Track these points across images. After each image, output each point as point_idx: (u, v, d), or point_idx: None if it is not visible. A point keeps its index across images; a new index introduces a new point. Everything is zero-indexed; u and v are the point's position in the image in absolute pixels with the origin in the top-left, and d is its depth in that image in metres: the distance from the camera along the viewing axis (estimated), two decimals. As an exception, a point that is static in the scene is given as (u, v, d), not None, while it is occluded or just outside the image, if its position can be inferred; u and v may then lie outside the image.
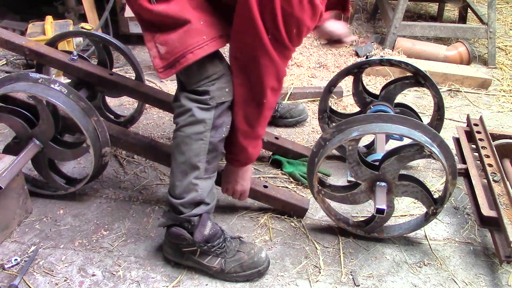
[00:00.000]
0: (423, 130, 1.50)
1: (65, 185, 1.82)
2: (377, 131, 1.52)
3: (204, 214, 1.50)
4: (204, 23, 1.35)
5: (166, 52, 1.35)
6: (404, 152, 1.51)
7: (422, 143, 1.45)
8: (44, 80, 1.61)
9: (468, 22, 3.76)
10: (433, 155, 1.47)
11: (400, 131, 1.49)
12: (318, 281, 1.55)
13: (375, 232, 1.70)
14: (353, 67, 1.98)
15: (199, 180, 1.48)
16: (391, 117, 1.53)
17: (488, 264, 1.64)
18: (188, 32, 1.33)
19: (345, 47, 1.82)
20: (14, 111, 1.70)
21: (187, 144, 1.45)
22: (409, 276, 1.58)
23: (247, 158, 1.58)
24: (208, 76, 1.40)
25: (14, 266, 1.55)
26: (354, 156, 1.54)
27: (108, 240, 1.68)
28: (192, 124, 1.43)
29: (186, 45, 1.33)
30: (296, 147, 2.11)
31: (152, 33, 1.36)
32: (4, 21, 3.35)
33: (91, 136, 1.65)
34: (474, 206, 1.69)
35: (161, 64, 1.37)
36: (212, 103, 1.41)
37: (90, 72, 1.91)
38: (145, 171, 2.04)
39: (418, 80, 1.91)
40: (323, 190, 1.66)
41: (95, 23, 3.04)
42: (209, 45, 1.35)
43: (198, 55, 1.34)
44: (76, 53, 1.90)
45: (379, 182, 1.57)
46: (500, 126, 2.51)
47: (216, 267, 1.51)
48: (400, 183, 1.57)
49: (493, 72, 3.13)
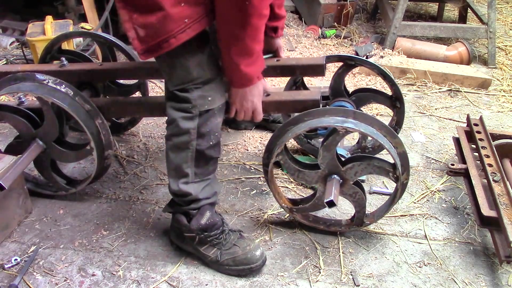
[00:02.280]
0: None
1: (66, 185, 1.82)
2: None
3: (205, 205, 1.54)
4: (185, 4, 1.29)
5: (146, 35, 1.31)
6: (375, 163, 1.54)
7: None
8: (50, 81, 1.62)
9: (468, 22, 3.76)
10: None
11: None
12: (318, 281, 1.55)
13: (298, 215, 1.70)
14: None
15: (190, 185, 1.51)
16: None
17: (488, 264, 1.64)
18: (169, 17, 1.28)
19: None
20: (18, 110, 1.70)
21: (173, 152, 1.48)
22: (409, 276, 1.58)
23: (243, 78, 1.43)
24: (192, 79, 1.39)
25: (14, 266, 1.55)
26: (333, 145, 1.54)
27: (108, 240, 1.68)
28: (177, 135, 1.45)
29: (167, 29, 1.29)
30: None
31: (129, 12, 1.31)
32: (4, 21, 3.35)
33: (95, 138, 1.65)
34: (474, 206, 1.70)
35: (141, 47, 1.34)
36: (195, 111, 1.41)
37: (81, 70, 1.90)
38: (145, 171, 2.04)
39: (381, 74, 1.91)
40: (283, 155, 1.61)
41: (95, 23, 3.04)
42: (192, 27, 1.31)
43: (181, 39, 1.31)
44: (64, 59, 1.90)
45: (336, 176, 1.57)
46: (500, 126, 2.51)
47: (212, 257, 1.54)
48: (353, 186, 1.59)
49: (493, 72, 3.13)
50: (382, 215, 1.66)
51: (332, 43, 3.43)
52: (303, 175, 1.63)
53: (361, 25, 3.81)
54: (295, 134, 1.54)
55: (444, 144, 2.31)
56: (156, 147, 2.20)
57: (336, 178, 1.57)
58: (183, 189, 1.50)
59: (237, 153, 2.18)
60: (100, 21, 2.90)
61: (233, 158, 2.14)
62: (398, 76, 2.92)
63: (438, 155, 2.22)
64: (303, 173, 1.62)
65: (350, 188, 1.60)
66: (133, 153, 2.15)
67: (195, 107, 1.40)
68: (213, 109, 1.44)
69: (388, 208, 1.64)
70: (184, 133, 1.43)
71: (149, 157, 2.12)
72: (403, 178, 1.55)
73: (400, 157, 1.53)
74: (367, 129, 1.50)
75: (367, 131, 1.49)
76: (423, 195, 1.95)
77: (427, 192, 1.97)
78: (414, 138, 2.35)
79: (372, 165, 1.54)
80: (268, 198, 1.90)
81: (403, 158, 1.54)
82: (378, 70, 1.89)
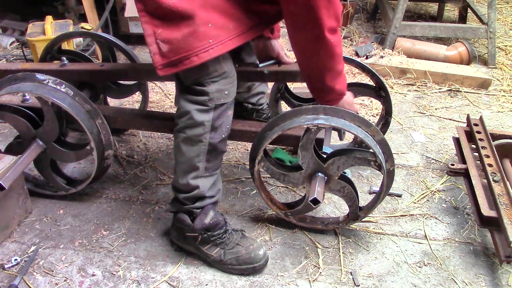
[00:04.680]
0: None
1: (66, 185, 1.82)
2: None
3: (208, 205, 1.54)
4: (212, 25, 1.33)
5: (169, 51, 1.34)
6: (356, 155, 1.54)
7: (376, 154, 1.48)
8: (50, 81, 1.62)
9: (468, 22, 3.76)
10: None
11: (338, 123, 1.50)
12: (318, 281, 1.55)
13: (294, 218, 1.72)
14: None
15: (199, 179, 1.50)
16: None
17: (488, 264, 1.64)
18: (194, 34, 1.31)
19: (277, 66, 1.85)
20: (18, 110, 1.70)
21: (187, 145, 1.48)
22: (409, 276, 1.58)
23: (340, 94, 1.58)
24: (208, 73, 1.39)
25: (14, 266, 1.55)
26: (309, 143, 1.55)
27: (108, 240, 1.68)
28: (191, 127, 1.44)
29: (191, 47, 1.32)
30: None
31: (154, 27, 1.34)
32: (4, 21, 3.36)
33: (95, 138, 1.65)
34: (474, 206, 1.70)
35: (162, 62, 1.36)
36: (211, 104, 1.41)
37: (82, 70, 1.90)
38: (145, 171, 2.04)
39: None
40: (265, 162, 1.63)
41: (95, 23, 3.04)
42: (215, 49, 1.34)
43: (203, 59, 1.33)
44: (65, 59, 1.90)
45: (321, 173, 1.58)
46: (500, 126, 2.51)
47: (215, 256, 1.54)
48: (339, 181, 1.59)
49: (493, 72, 3.13)
50: (376, 206, 1.64)
51: (332, 43, 3.42)
52: (289, 178, 1.64)
53: (361, 25, 3.81)
54: (271, 139, 1.56)
55: (444, 144, 2.31)
56: (156, 147, 2.20)
57: (319, 176, 1.57)
58: (192, 183, 1.49)
59: (237, 153, 2.18)
60: (100, 21, 2.90)
61: (233, 158, 2.14)
62: (398, 76, 2.93)
63: (438, 155, 2.22)
64: (288, 176, 1.63)
65: (336, 183, 1.60)
66: (133, 153, 2.15)
67: (212, 100, 1.41)
68: (228, 103, 1.45)
69: (380, 198, 1.62)
70: (198, 125, 1.43)
71: (149, 157, 2.12)
72: (388, 166, 1.54)
73: (379, 144, 1.52)
74: (339, 122, 1.50)
75: (339, 124, 1.49)
76: (423, 195, 1.95)
77: (427, 192, 1.97)
78: (414, 138, 2.35)
79: (353, 157, 1.54)
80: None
81: (383, 145, 1.52)
82: (356, 64, 1.95)
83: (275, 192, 1.94)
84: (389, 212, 1.85)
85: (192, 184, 1.50)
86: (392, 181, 1.59)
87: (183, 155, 1.49)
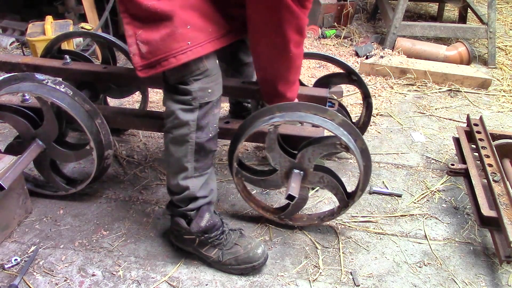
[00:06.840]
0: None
1: (66, 185, 1.82)
2: (294, 118, 1.53)
3: (203, 206, 1.53)
4: (191, 27, 1.33)
5: (148, 52, 1.34)
6: (321, 143, 1.54)
7: (339, 136, 1.47)
8: (49, 81, 1.62)
9: (468, 22, 3.76)
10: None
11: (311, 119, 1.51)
12: (318, 281, 1.55)
13: (290, 219, 1.72)
14: None
15: (189, 180, 1.50)
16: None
17: (488, 264, 1.64)
18: (173, 36, 1.31)
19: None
20: (18, 110, 1.70)
21: (174, 145, 1.48)
22: (409, 276, 1.58)
23: (290, 100, 1.65)
24: (191, 71, 1.39)
25: (14, 266, 1.55)
26: (273, 142, 1.55)
27: (108, 240, 1.68)
28: (176, 127, 1.44)
29: (169, 48, 1.32)
30: None
31: (134, 28, 1.34)
32: (4, 21, 3.36)
33: (95, 138, 1.65)
34: (474, 206, 1.70)
35: (141, 63, 1.36)
36: (195, 103, 1.41)
37: (85, 71, 1.90)
38: (145, 171, 2.04)
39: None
40: (241, 173, 1.65)
41: (95, 23, 3.04)
42: (193, 51, 1.34)
43: (181, 60, 1.33)
44: (68, 57, 1.90)
45: (296, 169, 1.58)
46: (500, 126, 2.51)
47: (214, 257, 1.54)
48: (316, 172, 1.59)
49: (493, 72, 3.13)
50: (363, 189, 1.60)
51: (332, 43, 3.43)
52: (269, 182, 1.64)
53: (361, 25, 3.81)
54: (238, 150, 1.58)
55: (444, 144, 2.31)
56: (156, 147, 2.20)
57: (294, 172, 1.57)
58: (182, 184, 1.49)
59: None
60: (100, 21, 2.90)
61: (233, 158, 2.14)
62: (398, 76, 2.93)
63: (438, 155, 2.22)
64: (267, 181, 1.64)
65: (314, 175, 1.59)
66: (133, 153, 2.15)
67: (196, 99, 1.40)
68: (212, 101, 1.45)
69: (365, 180, 1.58)
70: (183, 125, 1.43)
71: (149, 157, 2.12)
72: (359, 144, 1.52)
73: (342, 126, 1.50)
74: (293, 115, 1.50)
75: (294, 117, 1.50)
76: (423, 195, 1.95)
77: (427, 192, 1.97)
78: (414, 138, 2.35)
79: (320, 146, 1.53)
80: (268, 198, 1.90)
81: (346, 126, 1.50)
82: (320, 56, 2.02)
83: (275, 192, 1.94)
84: (389, 212, 1.85)
85: (182, 185, 1.50)
86: (370, 160, 1.55)
87: (172, 156, 1.49)
